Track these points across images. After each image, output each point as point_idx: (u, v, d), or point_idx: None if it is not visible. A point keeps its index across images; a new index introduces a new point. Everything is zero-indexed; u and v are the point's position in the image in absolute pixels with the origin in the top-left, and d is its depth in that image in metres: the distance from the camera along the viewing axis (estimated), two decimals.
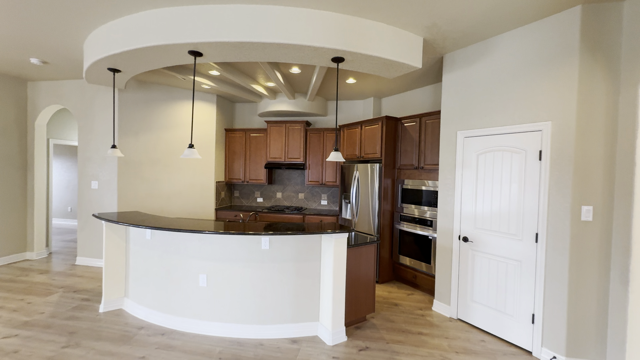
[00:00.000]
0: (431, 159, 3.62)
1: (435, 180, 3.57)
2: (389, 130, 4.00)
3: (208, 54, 2.58)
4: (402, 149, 4.00)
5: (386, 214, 4.03)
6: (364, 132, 4.29)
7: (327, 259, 2.63)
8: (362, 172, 4.20)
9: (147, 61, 2.79)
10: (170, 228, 2.45)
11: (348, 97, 5.04)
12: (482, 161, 2.83)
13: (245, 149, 5.38)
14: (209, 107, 5.02)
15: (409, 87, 4.36)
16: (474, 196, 2.89)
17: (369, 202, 4.07)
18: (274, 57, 2.60)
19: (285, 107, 4.92)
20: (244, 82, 3.98)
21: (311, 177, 5.11)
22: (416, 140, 3.80)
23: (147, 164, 4.53)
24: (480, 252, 2.84)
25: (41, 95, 4.61)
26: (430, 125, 3.64)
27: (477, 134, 2.87)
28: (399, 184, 4.03)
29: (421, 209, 3.72)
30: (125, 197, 4.37)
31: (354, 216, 4.33)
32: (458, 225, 3.03)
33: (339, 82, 4.19)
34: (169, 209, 4.72)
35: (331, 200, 5.38)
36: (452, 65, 3.12)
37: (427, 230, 3.63)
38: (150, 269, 2.88)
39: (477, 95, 2.89)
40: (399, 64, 2.70)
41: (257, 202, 5.67)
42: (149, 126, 4.52)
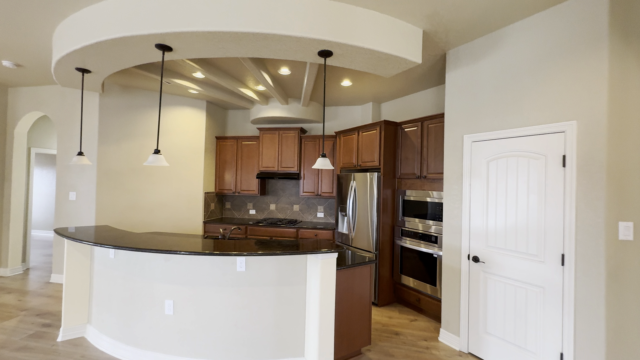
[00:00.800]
0: (435, 167, 3.25)
1: (439, 191, 3.19)
2: (388, 136, 3.65)
3: (178, 49, 2.29)
4: (403, 157, 3.64)
5: (386, 228, 3.64)
6: (361, 139, 3.96)
7: (313, 282, 2.24)
8: (359, 182, 3.83)
9: (113, 58, 2.51)
10: (129, 247, 2.10)
11: (345, 102, 4.73)
12: (493, 169, 2.46)
13: (237, 158, 5.07)
14: (198, 114, 4.75)
15: (410, 90, 4.03)
16: (485, 209, 2.50)
17: (367, 215, 3.69)
18: (252, 50, 2.30)
19: (279, 113, 4.62)
20: (231, 85, 3.70)
21: (306, 187, 4.76)
22: (418, 146, 3.45)
23: (129, 173, 4.23)
24: (493, 274, 2.43)
25: (21, 102, 4.39)
26: (433, 130, 3.29)
27: (486, 138, 2.50)
28: (400, 195, 3.65)
29: (425, 223, 3.33)
30: (104, 210, 4.06)
31: (351, 230, 3.95)
32: (467, 243, 2.63)
33: (334, 84, 3.89)
34: (152, 222, 4.39)
35: (328, 213, 5.00)
36: (456, 62, 2.80)
37: (431, 247, 3.23)
38: (114, 293, 2.52)
39: (485, 95, 2.54)
40: (396, 58, 2.38)
41: (250, 214, 5.32)
42: (131, 133, 4.25)
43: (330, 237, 4.36)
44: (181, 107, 4.60)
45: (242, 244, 2.30)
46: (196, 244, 2.24)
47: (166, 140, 4.49)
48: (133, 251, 2.20)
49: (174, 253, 2.02)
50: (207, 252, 2.01)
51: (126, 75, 3.74)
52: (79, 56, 2.48)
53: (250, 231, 4.64)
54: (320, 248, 2.19)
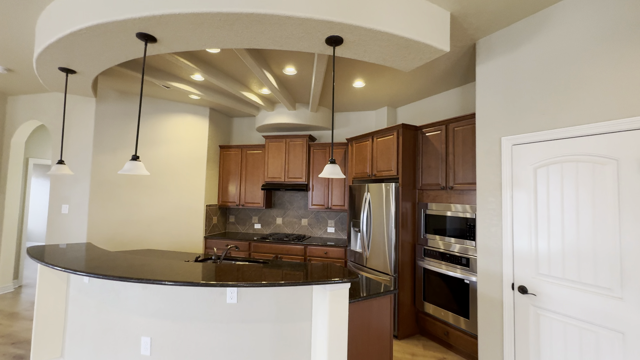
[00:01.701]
0: (463, 177, 2.79)
1: (470, 205, 2.72)
2: (407, 142, 3.23)
3: (162, 38, 1.97)
4: (424, 165, 3.19)
5: (406, 246, 3.17)
6: (376, 145, 3.54)
7: (320, 318, 1.80)
8: (374, 194, 3.40)
9: (94, 54, 2.23)
10: (95, 273, 1.73)
11: (357, 107, 4.35)
12: (542, 177, 1.99)
13: (241, 168, 4.74)
14: (200, 122, 4.47)
15: (430, 91, 3.62)
16: (533, 228, 2.02)
17: (384, 232, 3.23)
18: (247, 39, 1.95)
19: (285, 119, 4.28)
20: (233, 88, 3.39)
21: (315, 200, 4.35)
22: (442, 153, 3.00)
23: (126, 185, 3.94)
24: (548, 311, 1.93)
25: (19, 111, 4.22)
26: (461, 133, 2.84)
27: (531, 140, 2.05)
28: (422, 208, 3.18)
29: (452, 242, 2.84)
30: (96, 224, 3.76)
31: (365, 248, 3.48)
32: (509, 269, 2.14)
33: (345, 86, 3.52)
34: (149, 238, 4.05)
35: (339, 228, 4.56)
36: (488, 52, 2.38)
37: (462, 272, 2.73)
38: (87, 323, 2.15)
39: (528, 88, 2.10)
40: (419, 45, 1.98)
41: (255, 228, 4.93)
42: (129, 142, 3.98)
43: (341, 255, 3.90)
44: (182, 114, 4.33)
45: (234, 269, 1.90)
46: (180, 270, 1.85)
47: (166, 150, 4.20)
48: (97, 278, 1.82)
49: (145, 282, 1.63)
50: (188, 282, 1.61)
51: (122, 80, 3.50)
52: (58, 52, 2.21)
53: (254, 248, 4.24)
54: (329, 275, 1.76)
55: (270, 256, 4.15)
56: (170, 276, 1.69)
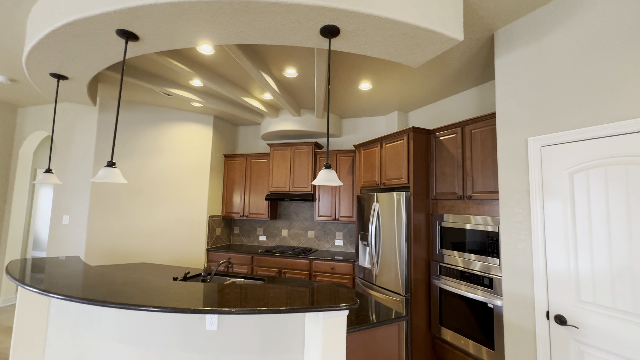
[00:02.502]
0: (483, 185, 2.47)
1: (492, 216, 2.38)
2: (419, 147, 2.94)
3: (144, 36, 1.83)
4: (438, 172, 2.89)
5: (419, 263, 2.84)
6: (385, 152, 3.27)
7: (313, 350, 1.53)
8: (383, 204, 3.11)
9: (79, 56, 2.12)
10: (55, 293, 1.53)
11: (366, 111, 4.11)
12: (581, 183, 1.66)
13: (245, 178, 4.56)
14: (204, 130, 4.36)
15: (444, 92, 3.34)
16: (572, 244, 1.68)
17: (395, 246, 2.92)
18: (234, 33, 1.77)
19: (290, 126, 4.10)
20: (233, 94, 3.24)
21: (322, 210, 4.09)
22: (458, 158, 2.70)
23: (127, 195, 3.84)
24: (596, 349, 1.56)
25: (28, 122, 4.26)
26: (479, 136, 2.54)
27: (566, 139, 1.73)
28: (436, 220, 2.86)
29: (472, 260, 2.50)
30: (96, 236, 3.65)
31: (374, 264, 3.17)
32: (543, 294, 1.79)
33: (350, 89, 3.30)
34: (149, 250, 3.91)
35: (348, 240, 4.26)
36: (509, 43, 2.10)
37: (484, 294, 2.38)
38: (62, 348, 1.96)
39: (559, 80, 1.80)
40: (428, 34, 1.74)
41: (259, 241, 4.71)
42: (131, 151, 3.90)
43: (349, 271, 3.60)
44: (186, 122, 4.24)
45: (218, 290, 1.66)
46: (162, 290, 1.63)
47: (168, 159, 4.10)
48: (58, 298, 1.62)
49: (110, 305, 1.42)
50: (160, 308, 1.38)
51: (124, 89, 3.43)
52: (43, 56, 2.11)
53: (256, 262, 4.01)
54: (322, 300, 1.49)
55: (274, 271, 3.90)
56: (146, 299, 1.48)
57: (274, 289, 1.68)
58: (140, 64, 2.84)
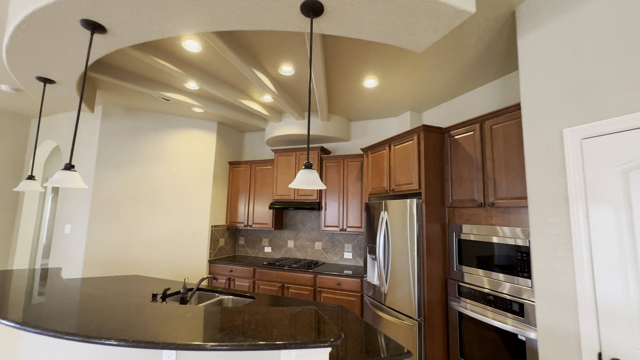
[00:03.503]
0: (508, 189, 2.08)
1: (521, 227, 1.98)
2: (431, 147, 2.59)
3: (111, 26, 1.66)
4: (455, 176, 2.51)
5: (434, 281, 2.45)
6: (394, 154, 2.94)
7: None
8: (393, 213, 2.76)
9: (56, 56, 2.00)
10: None
11: (374, 113, 3.80)
12: (639, 184, 1.26)
13: (250, 186, 4.36)
14: (207, 137, 4.23)
15: (460, 88, 2.97)
16: (631, 265, 1.27)
17: (406, 261, 2.55)
18: (207, 17, 1.56)
19: (294, 130, 3.87)
20: (230, 96, 3.07)
21: (328, 220, 3.78)
22: (477, 159, 2.32)
23: (127, 203, 3.74)
24: None
25: (39, 131, 4.33)
26: (501, 132, 2.16)
27: (616, 128, 1.34)
28: (453, 231, 2.47)
29: (498, 279, 2.08)
30: (95, 245, 3.55)
31: (383, 282, 2.80)
32: (592, 329, 1.37)
33: (354, 87, 3.02)
34: (150, 261, 3.76)
35: (357, 253, 3.91)
36: (534, 18, 1.74)
37: (515, 323, 1.95)
38: None
39: (603, 52, 1.42)
40: (430, 5, 1.44)
41: (265, 252, 4.46)
42: (132, 159, 3.82)
43: (357, 287, 3.24)
44: (188, 129, 4.13)
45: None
46: (133, 314, 1.40)
47: (170, 167, 3.98)
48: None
49: (48, 334, 1.19)
50: (101, 338, 1.14)
51: (126, 95, 3.36)
52: (20, 56, 2.02)
53: (258, 275, 3.75)
54: (297, 334, 1.18)
55: (276, 285, 3.61)
56: (88, 326, 1.25)
57: (248, 314, 1.40)
58: (131, 66, 2.73)
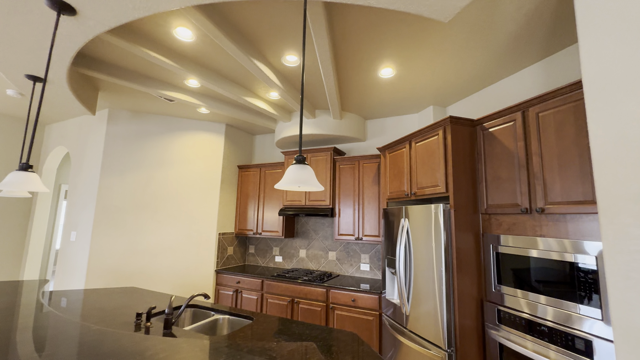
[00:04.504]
0: (563, 191, 1.64)
1: (581, 239, 1.54)
2: (460, 143, 2.19)
3: (79, 6, 1.44)
4: (490, 176, 2.10)
5: (467, 303, 2.03)
6: (415, 152, 2.56)
7: None
8: (414, 220, 2.37)
9: (29, 46, 1.82)
10: None
11: (393, 108, 3.43)
12: None
13: (259, 191, 4.11)
14: (215, 139, 4.03)
15: (493, 74, 2.55)
16: None
17: (432, 277, 2.15)
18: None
19: (305, 129, 3.57)
20: (233, 92, 2.83)
21: (342, 228, 3.43)
22: (519, 155, 1.90)
23: (132, 210, 3.58)
24: None
25: (51, 138, 4.33)
26: (552, 120, 1.73)
27: None
28: (490, 243, 2.05)
29: (552, 307, 1.65)
30: (99, 254, 3.41)
31: (404, 301, 2.40)
32: None
33: (368, 77, 2.67)
34: (155, 270, 3.57)
35: (375, 265, 3.52)
36: None
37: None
38: None
39: None
40: None
41: (276, 262, 4.16)
42: (138, 164, 3.68)
43: (374, 305, 2.85)
44: (195, 132, 3.95)
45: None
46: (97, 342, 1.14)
47: (177, 171, 3.80)
48: None
49: None
50: None
51: (131, 97, 3.22)
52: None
53: (266, 287, 3.45)
54: None
55: (286, 300, 3.29)
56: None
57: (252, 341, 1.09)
58: (128, 63, 2.55)
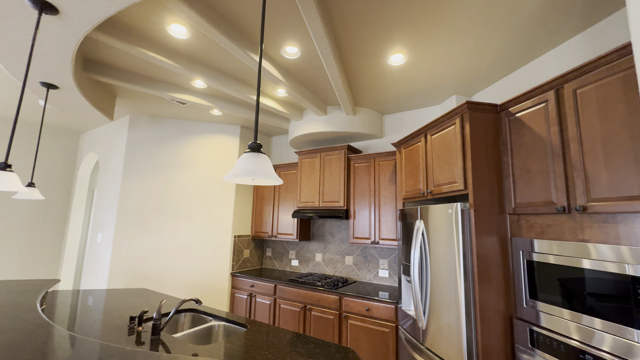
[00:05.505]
0: (612, 185, 1.31)
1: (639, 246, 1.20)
2: (480, 132, 1.89)
3: (60, 4, 1.42)
4: (518, 169, 1.78)
5: (491, 319, 1.72)
6: (431, 146, 2.28)
7: None
8: (430, 222, 2.10)
9: (25, 48, 1.87)
10: None
11: (411, 101, 3.16)
12: None
13: (274, 192, 4.02)
14: (230, 142, 4.03)
15: (524, 53, 2.20)
16: None
17: (451, 287, 1.87)
18: None
19: (316, 127, 3.42)
20: (239, 92, 2.76)
21: (357, 231, 3.21)
22: (553, 142, 1.57)
23: (150, 212, 3.67)
24: None
25: (83, 145, 4.62)
26: (594, 97, 1.40)
27: None
28: (520, 249, 1.73)
29: (604, 332, 1.31)
30: (120, 255, 3.52)
31: (420, 313, 2.13)
32: None
33: (375, 65, 2.45)
34: (171, 271, 3.61)
35: (395, 270, 3.24)
36: None
37: None
38: None
39: None
40: None
41: (292, 265, 4.03)
42: (157, 167, 3.77)
43: (390, 315, 2.59)
44: (210, 134, 3.97)
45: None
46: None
47: (192, 174, 3.84)
48: None
49: None
50: None
51: (148, 103, 3.31)
52: (5, 56, 1.94)
53: (279, 292, 3.32)
54: None
55: (298, 306, 3.14)
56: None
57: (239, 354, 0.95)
58: (137, 67, 2.59)
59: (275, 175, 0.92)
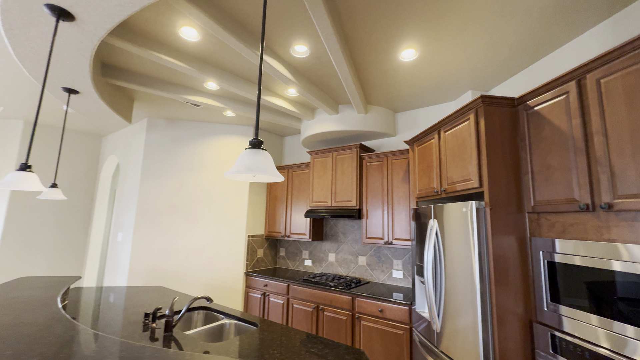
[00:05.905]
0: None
1: None
2: (496, 127, 1.81)
3: (77, 11, 1.47)
4: (538, 165, 1.69)
5: (509, 322, 1.64)
6: (445, 142, 2.21)
7: None
8: (444, 221, 2.04)
9: (44, 54, 1.95)
10: None
11: (424, 98, 3.08)
12: None
13: (287, 192, 4.03)
14: (244, 142, 4.08)
15: (545, 43, 2.09)
16: None
17: (466, 288, 1.80)
18: None
19: (328, 126, 3.40)
20: (251, 93, 2.79)
21: (370, 231, 3.16)
22: (575, 135, 1.48)
23: (167, 212, 3.77)
24: None
25: (105, 148, 4.81)
26: (620, 86, 1.30)
27: None
28: (540, 249, 1.64)
29: (628, 334, 1.22)
30: (139, 253, 3.64)
31: (434, 315, 2.06)
32: None
33: (386, 60, 2.40)
34: (187, 270, 3.69)
35: (409, 271, 3.17)
36: None
37: None
38: None
39: None
40: None
41: (305, 265, 4.03)
42: (173, 168, 3.87)
43: (404, 317, 2.53)
44: (224, 135, 4.03)
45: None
46: None
47: (207, 175, 3.91)
48: None
49: None
50: None
51: (165, 105, 3.41)
52: (26, 61, 2.04)
53: (292, 292, 3.32)
54: None
55: (311, 306, 3.13)
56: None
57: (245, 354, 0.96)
58: (153, 71, 2.66)
59: (276, 172, 0.91)
